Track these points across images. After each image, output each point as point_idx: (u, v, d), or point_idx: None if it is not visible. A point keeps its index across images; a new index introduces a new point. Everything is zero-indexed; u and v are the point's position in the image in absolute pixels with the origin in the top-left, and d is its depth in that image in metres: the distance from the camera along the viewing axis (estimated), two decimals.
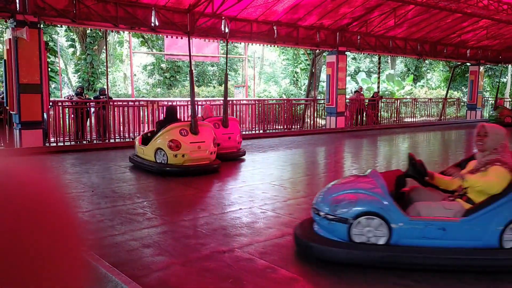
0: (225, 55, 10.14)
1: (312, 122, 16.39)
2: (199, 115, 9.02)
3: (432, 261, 3.20)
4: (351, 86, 25.96)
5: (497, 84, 25.50)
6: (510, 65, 28.49)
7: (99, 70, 20.03)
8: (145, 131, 8.04)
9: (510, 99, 27.65)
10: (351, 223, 3.32)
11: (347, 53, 15.84)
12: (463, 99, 25.90)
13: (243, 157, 8.85)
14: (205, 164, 7.21)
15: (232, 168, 7.96)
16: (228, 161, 8.10)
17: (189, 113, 10.00)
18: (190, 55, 8.72)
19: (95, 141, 11.41)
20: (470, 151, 11.28)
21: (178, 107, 11.77)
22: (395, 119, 18.78)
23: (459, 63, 22.22)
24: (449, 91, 22.85)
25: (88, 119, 11.83)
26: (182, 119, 10.98)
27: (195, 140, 7.15)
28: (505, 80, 32.00)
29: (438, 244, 3.26)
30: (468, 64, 21.66)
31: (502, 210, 3.23)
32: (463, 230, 3.25)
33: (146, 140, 7.56)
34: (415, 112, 19.96)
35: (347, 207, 3.39)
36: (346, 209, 3.38)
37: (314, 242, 3.43)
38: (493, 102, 26.12)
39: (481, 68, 21.32)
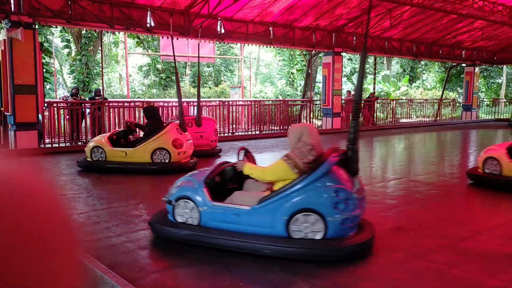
0: (220, 56, 10.16)
1: (308, 122, 16.38)
2: (174, 115, 9.31)
3: (229, 242, 3.54)
4: (347, 87, 25.99)
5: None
6: (505, 66, 28.61)
7: (95, 70, 19.94)
8: (111, 133, 7.84)
9: (505, 100, 27.80)
10: (174, 205, 3.88)
11: (343, 54, 15.85)
12: (458, 99, 25.99)
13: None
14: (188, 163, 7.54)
15: None
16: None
17: (175, 113, 10.23)
18: (174, 55, 8.98)
19: None
20: (466, 151, 11.31)
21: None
22: (391, 119, 18.82)
23: (455, 64, 22.28)
24: (444, 92, 22.92)
25: (83, 120, 11.76)
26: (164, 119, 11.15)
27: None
28: (500, 81, 32.15)
29: (234, 228, 3.61)
30: (464, 65, 21.73)
31: (285, 202, 3.46)
32: (254, 217, 3.55)
33: (117, 143, 7.52)
34: (410, 112, 20.01)
35: (173, 191, 3.99)
36: (172, 193, 3.98)
37: (155, 222, 3.97)
38: (488, 103, 26.27)
39: (477, 69, 21.40)
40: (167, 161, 7.22)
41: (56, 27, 18.82)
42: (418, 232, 4.29)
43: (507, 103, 26.86)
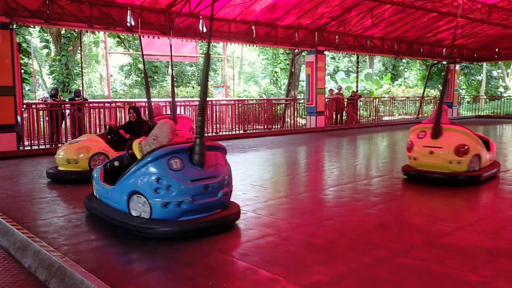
0: (203, 55, 10.15)
1: (292, 121, 16.41)
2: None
3: (102, 215, 4.41)
4: (330, 86, 26.11)
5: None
6: (484, 63, 29.10)
7: (74, 71, 19.63)
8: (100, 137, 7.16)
9: (485, 97, 28.28)
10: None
11: (326, 52, 15.91)
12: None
13: None
14: None
15: None
16: None
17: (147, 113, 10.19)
18: (142, 54, 8.79)
19: None
20: None
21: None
22: (374, 117, 18.97)
23: (435, 61, 22.56)
24: (426, 89, 23.20)
25: (64, 122, 11.58)
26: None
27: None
28: (480, 78, 32.69)
29: (109, 203, 4.43)
30: (444, 62, 22.02)
31: (125, 184, 4.14)
32: (113, 195, 4.33)
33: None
34: (393, 110, 20.20)
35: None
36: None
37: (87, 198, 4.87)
38: (469, 100, 26.69)
39: (457, 66, 21.71)
40: None
41: (34, 27, 18.49)
42: (401, 229, 4.31)
43: (487, 100, 27.32)
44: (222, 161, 4.40)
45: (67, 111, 11.74)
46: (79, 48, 15.16)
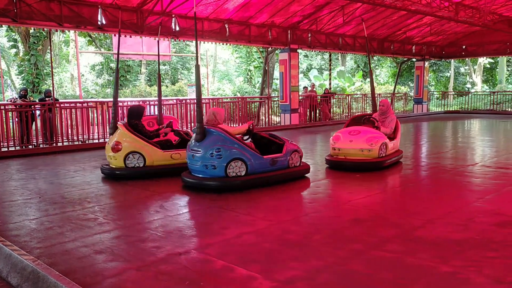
0: (177, 54, 10.00)
1: (267, 119, 16.47)
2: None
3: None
4: (304, 83, 26.32)
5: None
6: (452, 60, 29.83)
7: (44, 71, 19.17)
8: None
9: (453, 93, 29.02)
10: None
11: (299, 50, 16.02)
12: (410, 93, 26.91)
13: None
14: None
15: None
16: None
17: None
18: (118, 53, 8.30)
19: (41, 146, 10.91)
20: (418, 143, 11.73)
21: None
22: (347, 114, 19.22)
23: (406, 59, 23.02)
24: (396, 86, 23.65)
25: (34, 123, 11.30)
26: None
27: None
28: (448, 74, 33.51)
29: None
30: (414, 59, 22.50)
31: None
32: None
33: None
34: (365, 107, 20.50)
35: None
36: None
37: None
38: (438, 96, 27.34)
39: (426, 63, 22.21)
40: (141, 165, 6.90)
41: (2, 26, 17.97)
42: (374, 223, 4.40)
43: (456, 95, 28.06)
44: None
45: (37, 112, 11.46)
46: (49, 47, 14.81)
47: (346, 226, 4.30)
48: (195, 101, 14.33)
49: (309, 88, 18.14)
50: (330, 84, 19.85)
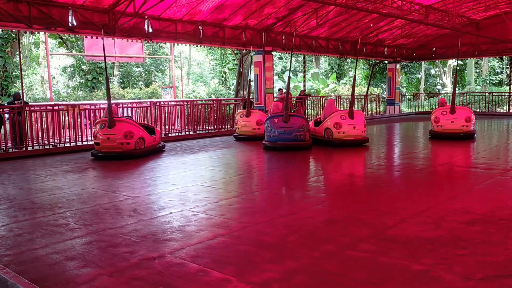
0: (150, 56, 10.02)
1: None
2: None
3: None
4: (278, 85, 26.43)
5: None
6: (423, 62, 30.53)
7: (13, 73, 18.70)
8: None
9: (424, 94, 29.69)
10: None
11: (273, 52, 16.09)
12: (382, 95, 27.39)
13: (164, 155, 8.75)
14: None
15: (163, 171, 7.78)
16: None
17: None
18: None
19: (10, 150, 10.62)
20: (391, 143, 11.94)
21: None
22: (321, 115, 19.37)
23: (378, 61, 23.42)
24: (369, 88, 24.03)
25: (2, 127, 10.99)
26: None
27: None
28: (419, 76, 34.25)
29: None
30: (386, 62, 22.91)
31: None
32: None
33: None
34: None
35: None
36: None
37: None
38: (409, 97, 27.90)
39: (398, 65, 22.65)
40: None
41: None
42: (347, 223, 4.45)
43: (426, 96, 28.71)
44: (299, 121, 10.02)
45: (6, 116, 11.15)
46: (18, 49, 14.44)
47: (320, 227, 4.33)
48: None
49: (284, 90, 18.23)
50: (304, 86, 20.01)
